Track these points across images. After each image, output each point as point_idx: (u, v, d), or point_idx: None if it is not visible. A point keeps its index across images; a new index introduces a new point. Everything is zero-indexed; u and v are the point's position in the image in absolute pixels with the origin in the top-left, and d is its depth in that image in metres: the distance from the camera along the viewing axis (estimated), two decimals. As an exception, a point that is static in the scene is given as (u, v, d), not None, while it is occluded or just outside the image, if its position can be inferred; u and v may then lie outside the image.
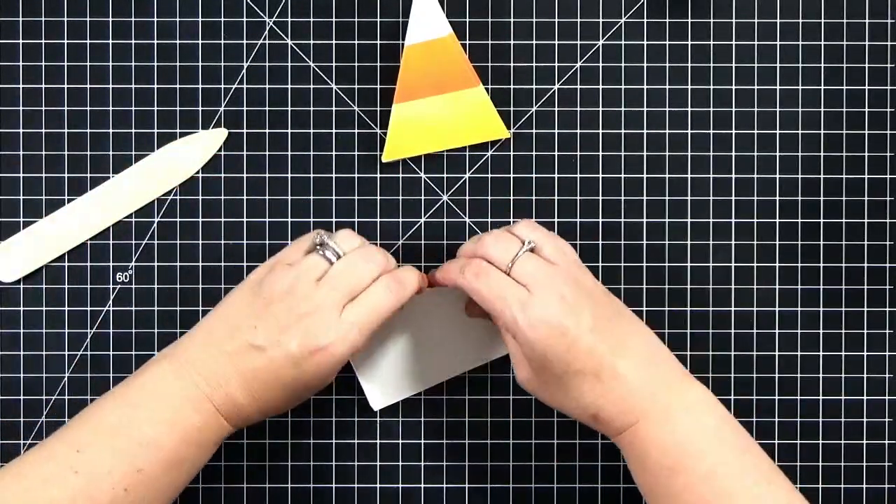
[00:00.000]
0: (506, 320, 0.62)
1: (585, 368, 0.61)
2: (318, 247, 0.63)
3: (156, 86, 0.72)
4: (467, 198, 0.73)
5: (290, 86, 0.72)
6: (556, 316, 0.60)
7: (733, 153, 0.73)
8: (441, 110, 0.71)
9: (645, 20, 0.73)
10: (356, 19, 0.72)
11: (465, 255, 0.65)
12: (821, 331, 0.72)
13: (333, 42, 0.72)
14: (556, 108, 0.72)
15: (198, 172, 0.72)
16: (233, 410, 0.62)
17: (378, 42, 0.72)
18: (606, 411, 0.61)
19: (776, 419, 0.72)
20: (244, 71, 0.72)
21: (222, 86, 0.72)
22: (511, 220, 0.72)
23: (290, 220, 0.72)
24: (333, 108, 0.72)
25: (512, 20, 0.72)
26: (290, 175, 0.72)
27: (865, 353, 0.73)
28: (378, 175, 0.72)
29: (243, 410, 0.62)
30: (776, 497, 0.60)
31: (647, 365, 0.62)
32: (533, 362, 0.62)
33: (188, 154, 0.72)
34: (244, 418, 0.63)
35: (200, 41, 0.72)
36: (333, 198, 0.72)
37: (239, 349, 0.61)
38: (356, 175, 0.72)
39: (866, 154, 0.73)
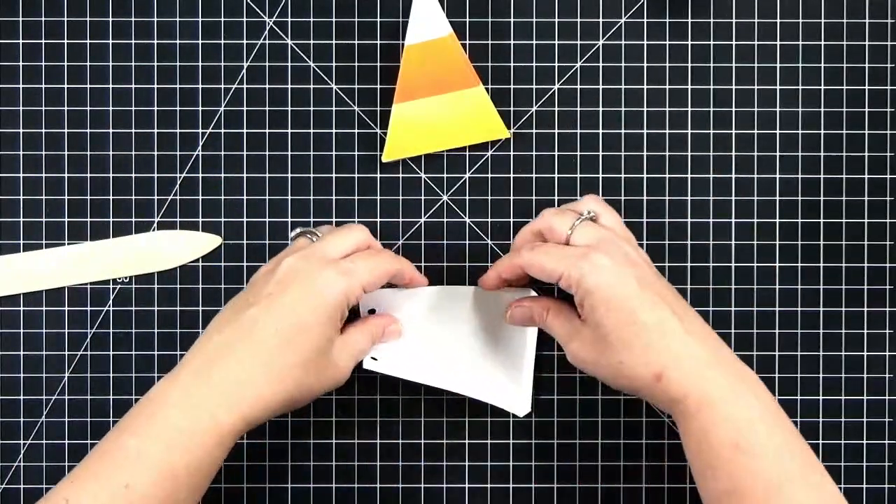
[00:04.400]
0: (569, 274, 0.60)
1: (652, 319, 0.59)
2: (301, 235, 0.65)
3: (156, 86, 0.72)
4: (467, 198, 0.73)
5: (290, 86, 0.72)
6: (620, 263, 0.60)
7: (733, 153, 0.73)
8: (441, 110, 0.71)
9: (645, 20, 0.73)
10: (356, 19, 0.72)
11: (522, 239, 0.65)
12: (821, 331, 0.72)
13: (333, 42, 0.72)
14: (556, 108, 0.72)
15: (197, 172, 0.72)
16: (244, 408, 0.60)
17: (378, 42, 0.72)
18: (672, 370, 0.58)
19: (776, 419, 0.72)
20: (244, 71, 0.72)
21: (222, 86, 0.72)
22: (511, 220, 0.72)
23: (289, 220, 0.72)
24: (333, 108, 0.72)
25: (512, 20, 0.72)
26: (290, 175, 0.72)
27: (865, 353, 0.73)
28: (378, 175, 0.72)
29: (257, 401, 0.60)
30: (830, 490, 0.58)
31: (708, 337, 0.60)
32: (592, 322, 0.60)
33: (178, 248, 0.72)
34: (257, 409, 0.60)
35: (200, 41, 0.72)
36: (333, 198, 0.72)
37: (238, 326, 0.60)
38: (356, 175, 0.72)
39: (866, 154, 0.73)
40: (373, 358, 0.68)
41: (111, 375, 0.72)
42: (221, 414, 0.59)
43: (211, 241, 0.72)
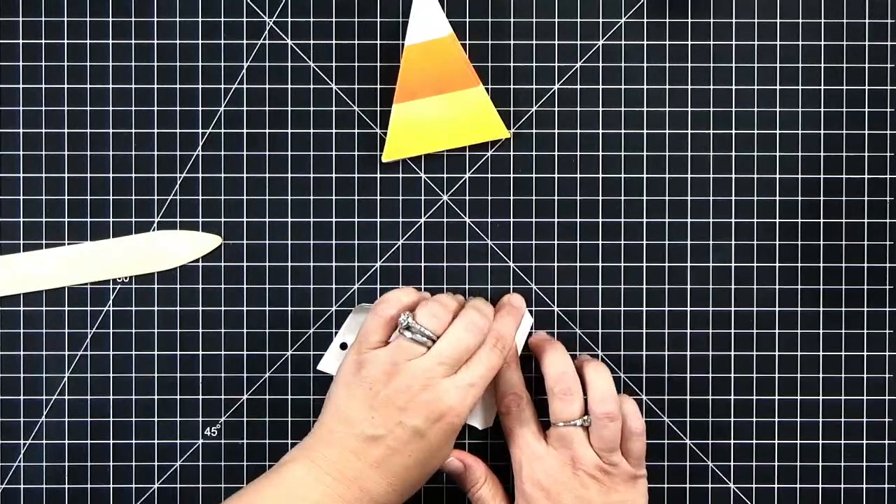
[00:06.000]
0: (514, 462, 0.68)
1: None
2: (405, 330, 0.64)
3: (156, 86, 0.72)
4: (467, 198, 0.73)
5: (290, 86, 0.72)
6: (556, 481, 0.65)
7: (733, 153, 0.73)
8: (441, 110, 0.71)
9: (645, 20, 0.73)
10: (356, 19, 0.72)
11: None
12: (821, 331, 0.72)
13: (333, 42, 0.72)
14: (556, 108, 0.72)
15: (197, 172, 0.72)
16: (369, 501, 0.62)
17: (378, 42, 0.72)
18: None
19: (776, 419, 0.72)
20: (244, 71, 0.72)
21: (222, 86, 0.72)
22: (511, 220, 0.72)
23: (289, 220, 0.72)
24: (333, 108, 0.72)
25: (512, 20, 0.72)
26: (290, 175, 0.72)
27: (865, 353, 0.73)
28: (378, 175, 0.72)
29: (381, 499, 0.63)
30: None
31: None
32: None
33: (178, 248, 0.72)
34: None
35: (200, 41, 0.72)
36: (333, 198, 0.72)
37: (363, 443, 0.62)
38: (356, 175, 0.72)
39: (866, 154, 0.73)
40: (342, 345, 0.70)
41: (111, 375, 0.72)
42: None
43: (211, 241, 0.72)
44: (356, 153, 0.72)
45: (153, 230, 0.72)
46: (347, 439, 0.63)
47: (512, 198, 0.73)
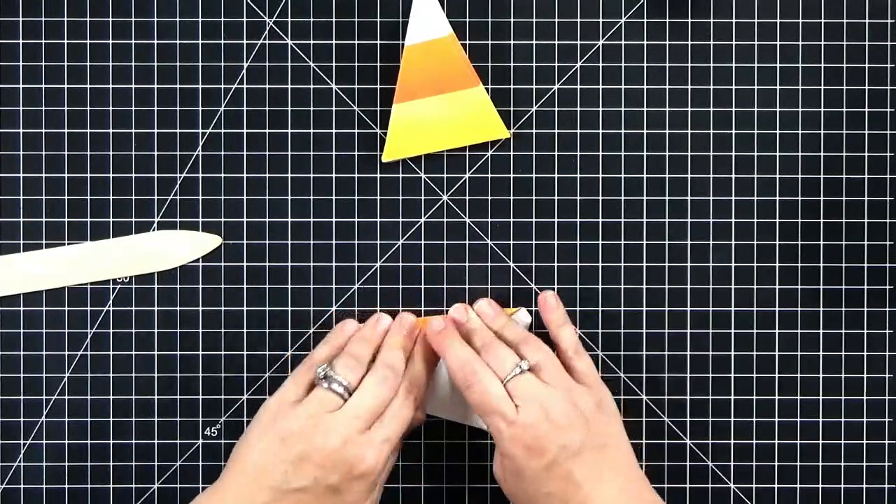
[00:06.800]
0: (491, 429, 0.64)
1: (556, 492, 0.62)
2: (322, 380, 0.65)
3: (156, 86, 0.72)
4: (467, 198, 0.73)
5: (290, 86, 0.72)
6: (538, 436, 0.62)
7: (733, 153, 0.73)
8: (441, 110, 0.71)
9: (645, 20, 0.73)
10: (356, 19, 0.72)
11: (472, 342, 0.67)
12: (821, 331, 0.72)
13: (333, 42, 0.72)
14: (556, 108, 0.72)
15: (197, 172, 0.72)
16: None
17: (378, 42, 0.72)
18: None
19: (776, 419, 0.72)
20: (244, 71, 0.72)
21: (222, 86, 0.72)
22: (511, 219, 0.72)
23: (289, 220, 0.72)
24: (333, 108, 0.72)
25: (512, 20, 0.72)
26: (290, 175, 0.72)
27: (865, 353, 0.73)
28: (378, 175, 0.72)
29: None
30: None
31: (618, 500, 0.63)
32: (508, 471, 0.64)
33: (178, 248, 0.72)
34: None
35: (200, 41, 0.72)
36: (333, 198, 0.72)
37: (275, 496, 0.62)
38: (356, 175, 0.72)
39: (866, 154, 0.73)
40: None
41: (111, 375, 0.72)
42: None
43: (211, 241, 0.72)
44: (356, 153, 0.72)
45: (153, 230, 0.72)
46: (260, 492, 0.62)
47: (512, 198, 0.73)
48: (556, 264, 0.72)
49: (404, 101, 0.71)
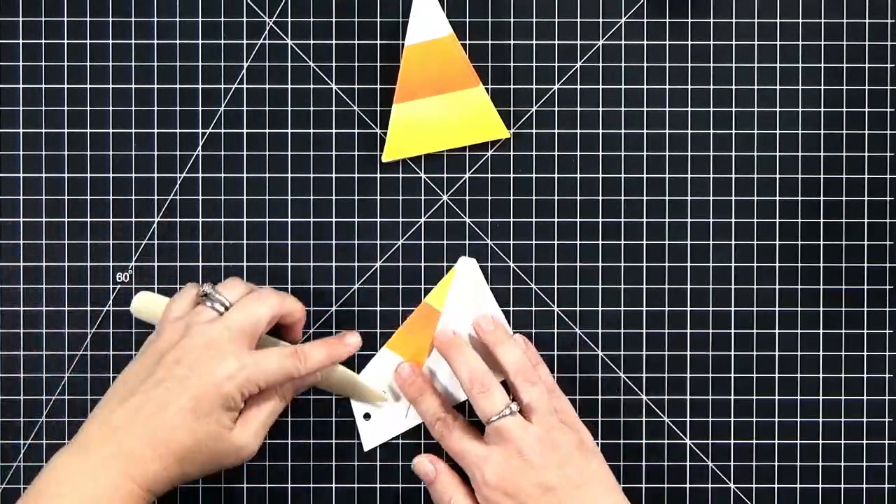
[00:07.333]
0: (469, 475, 0.66)
1: None
2: (203, 297, 0.65)
3: (156, 86, 0.72)
4: (467, 198, 0.73)
5: (290, 86, 0.72)
6: (509, 477, 0.64)
7: (733, 153, 0.73)
8: (441, 110, 0.71)
9: (645, 20, 0.73)
10: (356, 19, 0.72)
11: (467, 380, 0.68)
12: (821, 331, 0.72)
13: (333, 42, 0.72)
14: (556, 108, 0.72)
15: (197, 172, 0.72)
16: (146, 478, 0.61)
17: (378, 42, 0.72)
18: None
19: (776, 419, 0.72)
20: (244, 71, 0.72)
21: (222, 86, 0.72)
22: (511, 220, 0.72)
23: (290, 220, 0.72)
24: (333, 108, 0.72)
25: (512, 20, 0.72)
26: (290, 175, 0.72)
27: (865, 353, 0.73)
28: (378, 175, 0.72)
29: (156, 475, 0.61)
30: None
31: None
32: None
33: None
34: (159, 482, 0.62)
35: (200, 41, 0.72)
36: (333, 198, 0.72)
37: (144, 402, 0.61)
38: (356, 175, 0.72)
39: (866, 154, 0.73)
40: (365, 416, 0.71)
41: (111, 375, 0.72)
42: (123, 482, 0.60)
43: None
44: (356, 153, 0.72)
45: (153, 229, 0.72)
46: (124, 402, 0.62)
47: (512, 198, 0.73)
48: (556, 264, 0.72)
49: (404, 101, 0.71)
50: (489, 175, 0.73)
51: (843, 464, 0.72)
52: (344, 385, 0.71)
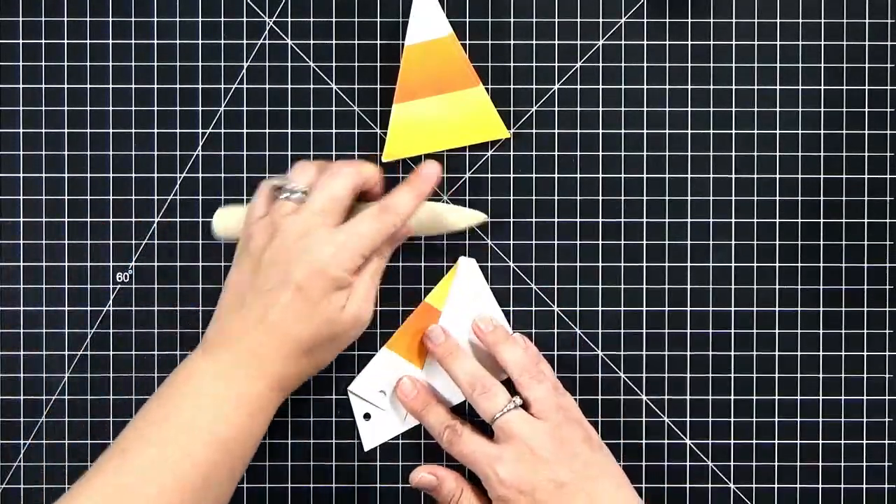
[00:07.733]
0: (481, 477, 0.66)
1: None
2: (278, 191, 0.65)
3: (156, 86, 0.72)
4: (467, 198, 0.73)
5: (290, 86, 0.72)
6: (523, 474, 0.64)
7: (733, 153, 0.73)
8: (441, 110, 0.71)
9: (645, 20, 0.73)
10: (356, 19, 0.72)
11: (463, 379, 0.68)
12: (821, 331, 0.73)
13: (333, 42, 0.72)
14: (556, 108, 0.72)
15: (197, 172, 0.72)
16: (275, 377, 0.62)
17: (378, 42, 0.72)
18: None
19: (776, 419, 0.72)
20: (244, 71, 0.72)
21: (222, 86, 0.72)
22: (511, 220, 0.72)
23: (290, 220, 0.72)
24: (333, 108, 0.72)
25: (512, 20, 0.72)
26: (290, 175, 0.72)
27: (865, 353, 0.73)
28: (378, 175, 0.72)
29: (286, 373, 0.63)
30: None
31: None
32: None
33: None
34: (291, 379, 0.63)
35: (200, 41, 0.72)
36: (333, 198, 0.72)
37: (255, 309, 0.62)
38: (356, 175, 0.72)
39: (866, 154, 0.73)
40: (365, 416, 0.72)
41: (111, 375, 0.72)
42: (254, 384, 0.62)
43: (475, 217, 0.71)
44: (356, 153, 0.72)
45: (153, 230, 0.72)
46: (242, 310, 0.62)
47: (512, 198, 0.73)
48: (556, 264, 0.72)
49: (404, 101, 0.71)
50: (489, 175, 0.73)
51: (842, 464, 0.72)
52: (435, 219, 0.70)
